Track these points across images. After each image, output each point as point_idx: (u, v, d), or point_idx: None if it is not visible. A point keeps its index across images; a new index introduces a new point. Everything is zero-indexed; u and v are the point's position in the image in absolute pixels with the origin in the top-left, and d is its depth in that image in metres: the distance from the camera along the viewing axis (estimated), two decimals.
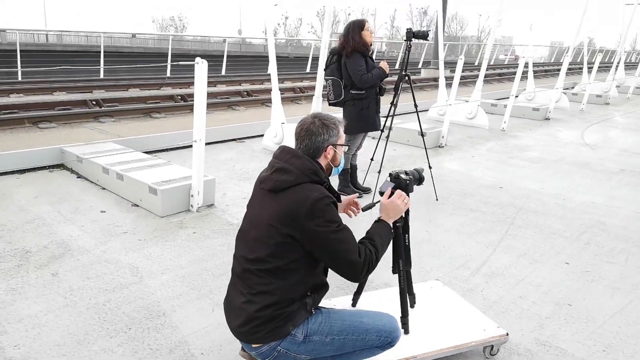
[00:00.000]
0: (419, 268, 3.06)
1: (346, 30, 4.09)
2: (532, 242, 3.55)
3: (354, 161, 4.46)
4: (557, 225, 3.89)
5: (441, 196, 4.45)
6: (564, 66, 9.40)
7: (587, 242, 3.58)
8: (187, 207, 3.78)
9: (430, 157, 5.96)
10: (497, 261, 3.21)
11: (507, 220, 3.95)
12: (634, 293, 2.86)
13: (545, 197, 4.57)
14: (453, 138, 7.07)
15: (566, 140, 7.43)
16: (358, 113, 4.13)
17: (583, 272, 3.11)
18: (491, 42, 7.63)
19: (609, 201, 4.54)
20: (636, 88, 14.28)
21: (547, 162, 5.92)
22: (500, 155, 6.22)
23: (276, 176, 1.72)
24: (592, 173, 5.52)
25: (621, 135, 8.01)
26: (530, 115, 9.16)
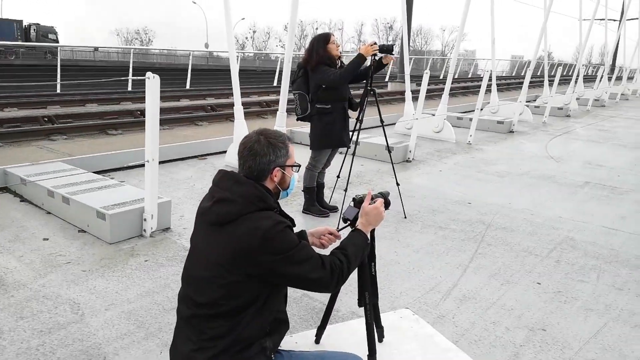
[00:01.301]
0: (389, 293, 2.89)
1: (311, 44, 3.96)
2: (502, 261, 3.44)
3: (320, 179, 4.29)
4: (526, 242, 3.81)
5: (410, 213, 4.32)
6: (526, 79, 9.57)
7: (557, 260, 3.50)
8: (139, 232, 3.50)
9: (398, 172, 5.86)
10: (468, 283, 3.08)
11: (476, 238, 3.84)
12: (607, 314, 2.77)
13: (513, 213, 4.51)
14: (420, 152, 7.01)
15: (530, 153, 7.49)
16: (323, 128, 3.98)
17: (555, 292, 3.01)
18: (455, 57, 7.67)
19: (577, 215, 4.52)
20: (595, 100, 14.75)
21: (513, 176, 5.91)
22: (467, 169, 6.18)
23: (218, 208, 1.52)
24: (558, 187, 5.53)
25: (583, 147, 8.15)
26: (494, 128, 9.25)
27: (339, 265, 1.59)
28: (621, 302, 2.93)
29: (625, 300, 2.95)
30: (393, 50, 3.88)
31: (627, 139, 9.04)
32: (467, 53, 73.43)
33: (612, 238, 3.97)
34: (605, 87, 16.36)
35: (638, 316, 2.77)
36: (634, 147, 8.27)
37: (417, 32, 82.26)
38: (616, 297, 2.99)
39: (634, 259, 3.58)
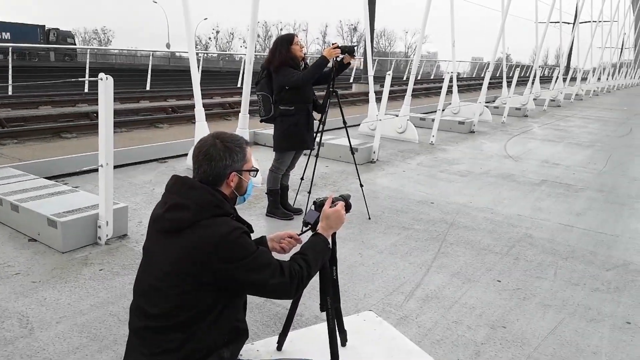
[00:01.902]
0: (353, 295, 2.87)
1: (274, 45, 3.91)
2: (464, 259, 3.49)
3: (285, 181, 4.24)
4: (487, 240, 3.88)
5: (374, 214, 4.33)
6: (485, 81, 9.82)
7: (516, 257, 3.57)
8: (94, 240, 3.36)
9: (363, 173, 5.89)
10: (431, 282, 3.10)
11: (439, 238, 3.89)
12: (564, 310, 2.85)
13: (474, 212, 4.59)
14: (385, 153, 7.06)
15: (490, 152, 7.67)
16: (286, 130, 3.94)
17: (515, 289, 3.07)
18: (417, 58, 7.77)
19: (534, 213, 4.64)
20: (551, 100, 15.30)
21: (474, 175, 6.03)
22: (430, 169, 6.26)
23: (171, 215, 1.46)
24: (517, 185, 5.67)
25: (540, 147, 8.42)
26: (456, 128, 9.43)
27: (298, 271, 1.56)
28: (577, 297, 3.01)
29: (581, 295, 3.04)
30: (355, 51, 3.88)
31: (581, 138, 9.41)
32: (429, 55, 74.98)
33: (569, 234, 4.10)
34: (560, 87, 17.00)
35: (593, 311, 2.85)
36: (588, 145, 8.61)
37: (381, 34, 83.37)
38: (573, 292, 3.07)
39: (588, 254, 3.70)
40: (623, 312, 2.84)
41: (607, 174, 6.37)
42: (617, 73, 32.42)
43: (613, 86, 28.23)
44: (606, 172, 6.48)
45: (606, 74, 27.84)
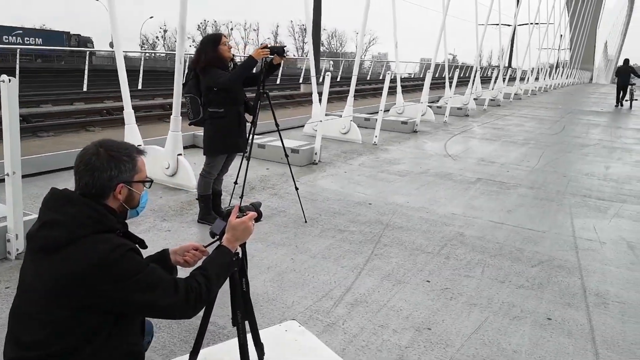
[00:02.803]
0: (280, 304, 2.80)
1: (200, 45, 3.77)
2: (396, 261, 3.49)
3: (217, 186, 4.10)
4: (420, 240, 3.91)
5: (311, 217, 4.27)
6: (426, 81, 10.02)
7: (447, 256, 3.62)
8: (3, 255, 3.10)
9: (304, 175, 5.84)
10: (362, 286, 3.07)
11: (373, 239, 3.88)
12: (489, 308, 2.89)
13: (410, 212, 4.63)
14: (327, 154, 7.04)
15: (431, 152, 7.82)
16: (216, 132, 3.81)
17: (443, 289, 3.10)
18: (358, 58, 7.81)
19: (468, 211, 4.74)
20: (491, 100, 15.86)
21: (413, 175, 6.11)
22: (371, 169, 6.29)
23: (44, 233, 1.33)
24: (453, 184, 5.79)
25: (478, 145, 8.68)
26: (399, 128, 9.57)
27: (195, 288, 1.46)
28: (502, 294, 3.08)
29: (506, 292, 3.11)
30: (285, 52, 3.80)
31: (517, 136, 9.78)
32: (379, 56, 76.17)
33: (498, 232, 4.21)
34: (500, 87, 17.68)
35: (517, 308, 2.91)
36: (523, 143, 8.96)
37: (332, 35, 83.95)
38: (498, 290, 3.13)
39: (516, 251, 3.81)
40: (545, 308, 2.92)
41: (538, 171, 6.64)
42: (555, 73, 34.16)
43: (550, 86, 29.71)
44: (538, 169, 6.75)
45: (544, 74, 29.25)
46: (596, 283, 3.29)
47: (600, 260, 3.67)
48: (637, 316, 2.86)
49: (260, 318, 2.59)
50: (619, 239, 4.15)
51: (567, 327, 2.72)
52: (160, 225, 3.91)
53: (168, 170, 4.81)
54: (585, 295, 3.11)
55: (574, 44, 40.43)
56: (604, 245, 4.00)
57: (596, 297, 3.09)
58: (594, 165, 7.25)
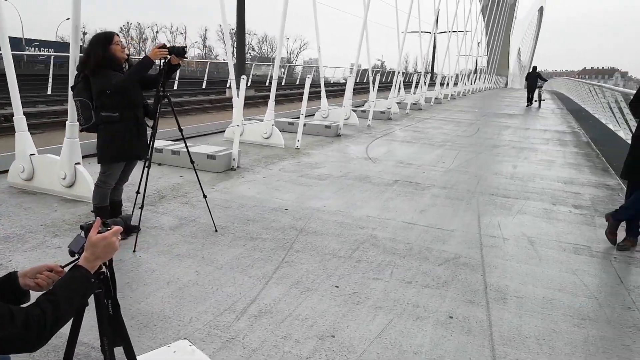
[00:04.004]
0: (176, 322, 2.62)
1: (89, 45, 3.49)
2: (306, 267, 3.42)
3: (117, 197, 3.83)
4: (333, 245, 3.87)
5: (222, 226, 4.11)
6: (348, 86, 10.14)
7: (358, 260, 3.60)
8: None
9: (220, 181, 5.65)
10: (268, 296, 2.97)
11: (286, 246, 3.79)
12: (394, 310, 2.89)
13: (326, 216, 4.59)
14: (247, 159, 6.88)
15: (353, 155, 7.90)
16: (112, 139, 3.54)
17: (351, 294, 3.07)
18: (278, 62, 7.73)
19: (382, 213, 4.79)
20: (413, 104, 16.43)
21: (333, 179, 6.11)
22: (291, 174, 6.21)
23: None
24: (371, 186, 5.85)
25: (399, 148, 8.90)
26: (323, 132, 9.60)
27: (38, 317, 1.27)
28: (408, 295, 3.10)
29: (412, 293, 3.13)
30: (185, 52, 3.62)
31: (435, 138, 10.16)
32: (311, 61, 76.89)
33: (409, 232, 4.27)
34: (422, 92, 18.38)
35: (421, 308, 2.94)
36: (440, 145, 9.31)
37: (263, 39, 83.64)
38: (405, 291, 3.15)
39: (425, 250, 3.87)
40: (447, 307, 2.97)
41: (452, 172, 6.89)
42: (473, 78, 36.18)
43: (469, 90, 31.41)
44: (452, 170, 7.01)
45: (463, 79, 30.88)
46: (497, 279, 3.41)
47: (502, 257, 3.82)
48: (533, 310, 2.99)
49: (152, 340, 2.42)
50: (520, 234, 4.36)
51: (467, 325, 2.77)
52: (50, 242, 3.57)
53: (65, 181, 4.44)
54: (486, 291, 3.21)
55: (490, 51, 43.12)
56: (506, 241, 4.18)
57: (496, 292, 3.20)
58: (503, 164, 7.66)
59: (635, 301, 3.14)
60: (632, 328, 2.80)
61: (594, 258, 3.86)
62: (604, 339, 2.68)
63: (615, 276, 3.53)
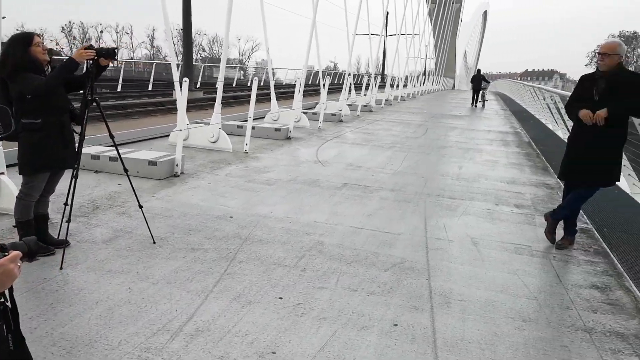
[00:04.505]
0: (103, 346, 2.42)
1: (5, 47, 3.21)
2: (250, 278, 3.29)
3: (42, 209, 3.54)
4: (278, 253, 3.76)
5: (161, 237, 3.90)
6: (297, 88, 10.05)
7: (304, 269, 3.51)
8: None
9: (162, 189, 5.40)
10: (207, 312, 2.81)
11: (229, 256, 3.64)
12: (339, 321, 2.81)
13: (272, 222, 4.47)
14: (193, 165, 6.64)
15: (303, 158, 7.81)
16: (34, 147, 3.27)
17: (295, 305, 2.96)
18: (224, 64, 7.52)
19: (330, 218, 4.72)
20: (364, 106, 16.56)
21: (282, 183, 5.99)
22: (238, 179, 6.04)
23: None
24: (320, 190, 5.78)
25: (349, 150, 8.89)
26: (273, 135, 9.46)
27: None
28: (353, 304, 3.03)
29: (357, 301, 3.06)
30: (115, 53, 3.39)
31: (385, 140, 10.24)
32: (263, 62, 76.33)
33: (356, 237, 4.22)
34: (372, 94, 18.58)
35: (366, 317, 2.87)
36: (389, 147, 9.39)
37: (214, 40, 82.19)
38: (350, 299, 3.08)
39: (371, 256, 3.83)
40: (392, 314, 2.93)
41: (400, 174, 6.94)
42: (422, 80, 37.05)
43: (418, 92, 32.12)
44: (400, 172, 7.06)
45: (412, 81, 31.54)
46: (442, 282, 3.40)
47: (447, 259, 3.84)
48: (476, 313, 2.99)
49: None
50: (465, 236, 4.41)
51: (411, 332, 2.73)
52: None
53: None
54: (431, 296, 3.20)
55: (438, 54, 44.34)
56: (451, 243, 4.21)
57: (440, 297, 3.19)
58: (450, 165, 7.81)
59: (573, 300, 3.22)
60: (570, 328, 2.86)
61: (534, 258, 3.95)
62: (543, 340, 2.71)
63: (555, 275, 3.62)
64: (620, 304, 3.19)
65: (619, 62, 3.82)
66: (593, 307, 3.14)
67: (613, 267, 3.81)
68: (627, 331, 2.85)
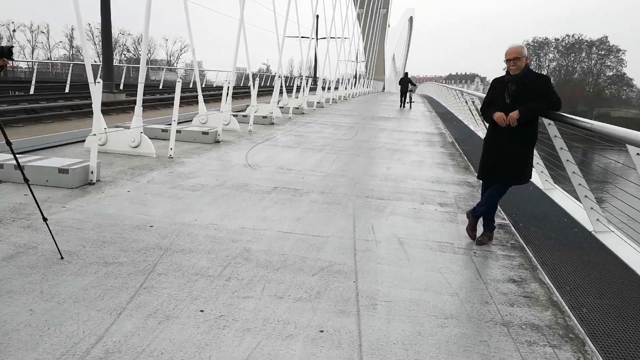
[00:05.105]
0: None
1: None
2: (169, 292, 3.09)
3: None
4: (202, 263, 3.58)
5: (70, 251, 3.58)
6: (224, 90, 9.81)
7: (228, 278, 3.36)
8: None
9: (75, 198, 5.02)
10: (119, 332, 2.59)
11: (146, 269, 3.41)
12: (263, 331, 2.70)
13: (197, 230, 4.27)
14: (111, 172, 6.24)
15: (232, 162, 7.61)
16: None
17: (217, 318, 2.81)
18: (143, 64, 7.15)
19: (258, 223, 4.59)
20: (295, 108, 16.54)
21: (208, 189, 5.78)
22: (161, 186, 5.74)
23: None
24: (248, 195, 5.63)
25: (279, 153, 8.80)
26: (201, 139, 9.15)
27: None
28: (279, 312, 2.93)
29: (283, 309, 2.97)
30: (11, 53, 3.07)
31: (316, 143, 10.26)
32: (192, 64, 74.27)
33: (285, 242, 4.13)
34: (304, 96, 18.62)
35: (291, 325, 2.79)
36: (320, 149, 9.40)
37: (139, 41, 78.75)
38: (276, 307, 2.98)
39: (299, 261, 3.75)
40: (319, 320, 2.86)
41: (331, 176, 6.95)
42: (354, 82, 37.78)
43: (350, 94, 32.71)
44: (330, 174, 7.07)
45: (344, 84, 32.07)
46: (369, 284, 3.40)
47: (375, 260, 3.85)
48: (401, 313, 3.01)
49: None
50: (392, 236, 4.46)
51: (337, 338, 2.68)
52: None
53: None
54: (357, 299, 3.17)
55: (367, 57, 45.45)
56: (379, 244, 4.24)
57: (367, 299, 3.18)
58: (378, 166, 7.95)
59: (492, 295, 3.34)
60: (489, 322, 2.95)
61: (456, 255, 4.07)
62: (465, 336, 2.77)
63: (475, 271, 3.74)
64: (534, 297, 3.34)
65: (526, 64, 4.06)
66: (510, 300, 3.27)
67: (528, 261, 4.01)
68: (542, 322, 2.98)
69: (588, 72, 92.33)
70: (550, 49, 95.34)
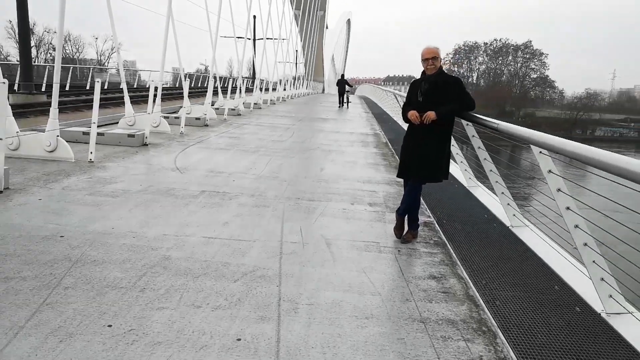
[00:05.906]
0: None
1: None
2: (75, 307, 2.88)
3: None
4: (115, 274, 3.37)
5: None
6: (151, 90, 9.44)
7: (143, 289, 3.18)
8: None
9: None
10: (13, 354, 2.37)
11: (52, 283, 3.15)
12: (176, 343, 2.57)
13: (112, 239, 4.03)
14: (22, 178, 5.78)
15: (159, 166, 7.30)
16: None
17: (126, 332, 2.65)
18: (58, 62, 6.70)
19: (181, 229, 4.41)
20: (231, 110, 16.24)
21: (130, 194, 5.49)
22: (77, 193, 5.38)
23: None
24: (174, 200, 5.41)
25: (211, 156, 8.57)
26: (127, 142, 8.72)
27: None
28: (195, 322, 2.81)
29: (199, 318, 2.85)
30: None
31: (250, 144, 10.10)
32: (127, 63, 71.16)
33: (208, 248, 3.99)
34: (241, 97, 18.33)
35: (207, 335, 2.68)
36: (254, 151, 9.26)
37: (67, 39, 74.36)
38: (192, 317, 2.86)
39: (222, 267, 3.63)
40: (237, 328, 2.77)
41: (262, 178, 6.84)
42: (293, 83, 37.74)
43: (288, 96, 32.63)
44: (262, 176, 6.96)
45: (282, 84, 31.94)
46: (292, 288, 3.34)
47: (300, 263, 3.81)
48: (322, 316, 2.97)
49: None
50: (319, 237, 4.44)
51: (254, 346, 2.60)
52: None
53: None
54: (279, 303, 3.11)
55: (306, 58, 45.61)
56: (306, 246, 4.20)
57: (289, 303, 3.12)
58: (312, 168, 7.94)
59: (413, 292, 3.39)
60: (407, 320, 2.98)
61: (382, 254, 4.12)
62: (383, 335, 2.79)
63: (398, 269, 3.80)
64: (452, 292, 3.44)
65: (440, 66, 4.24)
66: (429, 297, 3.34)
67: (449, 257, 4.13)
68: (457, 317, 3.06)
69: (514, 74, 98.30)
70: (480, 52, 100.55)
